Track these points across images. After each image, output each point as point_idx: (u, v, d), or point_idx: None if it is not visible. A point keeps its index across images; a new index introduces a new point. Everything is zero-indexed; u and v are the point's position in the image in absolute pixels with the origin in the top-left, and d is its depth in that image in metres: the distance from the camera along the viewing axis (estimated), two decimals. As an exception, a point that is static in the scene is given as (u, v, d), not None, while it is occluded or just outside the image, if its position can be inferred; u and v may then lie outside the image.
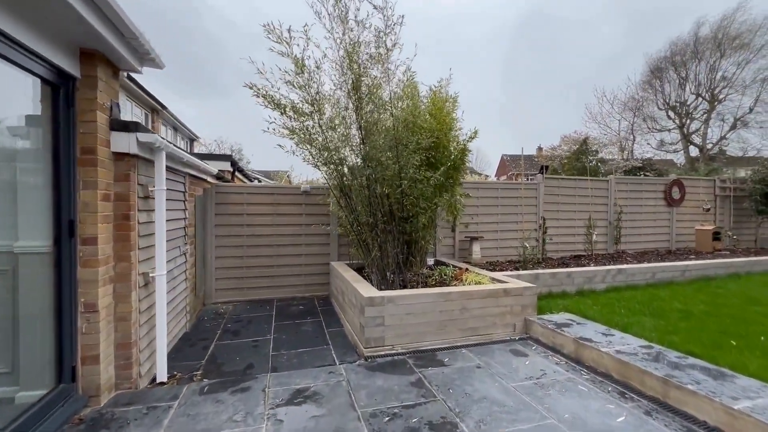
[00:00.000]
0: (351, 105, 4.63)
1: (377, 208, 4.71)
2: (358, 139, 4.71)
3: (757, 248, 9.88)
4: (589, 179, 8.53)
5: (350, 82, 4.48)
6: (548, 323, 4.31)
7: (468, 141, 5.34)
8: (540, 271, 5.85)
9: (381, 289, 4.47)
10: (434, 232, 6.27)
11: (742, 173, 10.76)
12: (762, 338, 3.77)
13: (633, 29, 45.26)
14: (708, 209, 9.25)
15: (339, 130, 4.69)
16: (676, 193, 9.34)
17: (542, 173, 8.01)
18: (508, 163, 34.65)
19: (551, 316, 4.58)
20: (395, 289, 4.68)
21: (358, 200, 4.83)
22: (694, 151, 26.29)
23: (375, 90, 4.55)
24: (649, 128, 27.94)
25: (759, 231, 10.26)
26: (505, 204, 7.80)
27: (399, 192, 4.59)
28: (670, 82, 26.81)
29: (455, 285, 4.94)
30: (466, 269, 5.40)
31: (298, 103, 4.52)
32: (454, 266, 5.93)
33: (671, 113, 27.05)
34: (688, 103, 26.24)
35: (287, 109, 4.48)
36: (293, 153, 4.76)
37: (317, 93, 4.51)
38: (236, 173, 9.10)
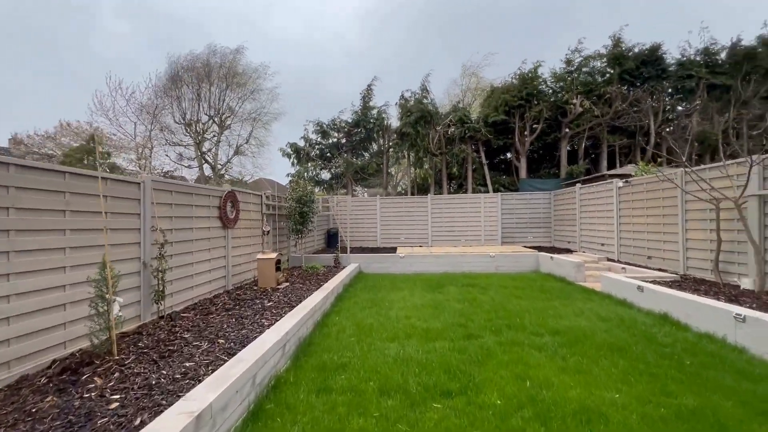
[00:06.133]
0: None
1: None
2: None
3: (289, 267, 9.48)
4: (111, 177, 3.99)
5: None
6: None
7: None
8: None
9: None
10: None
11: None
12: None
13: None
14: (268, 231, 7.48)
15: None
16: (231, 210, 6.79)
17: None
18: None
19: None
20: None
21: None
22: (208, 170, 27.20)
23: None
24: (167, 140, 26.04)
25: (291, 251, 10.04)
26: None
27: None
28: (188, 99, 26.14)
29: None
30: None
31: None
32: None
33: (188, 129, 26.58)
34: (203, 122, 26.84)
35: None
36: None
37: None
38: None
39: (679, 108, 16.16)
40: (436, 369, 3.63)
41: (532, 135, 16.40)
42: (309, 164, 17.53)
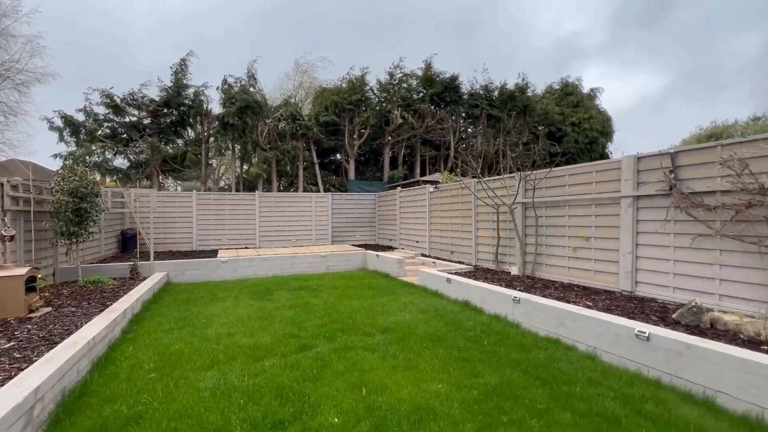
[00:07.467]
0: None
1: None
2: None
3: (56, 283, 7.02)
4: None
5: None
6: None
7: None
8: None
9: None
10: None
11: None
12: None
13: None
14: (12, 236, 5.11)
15: None
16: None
17: None
18: None
19: None
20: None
21: None
22: None
23: None
24: None
25: (59, 261, 7.44)
26: None
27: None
28: None
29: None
30: None
31: None
32: None
33: None
34: None
35: None
36: None
37: None
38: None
39: (469, 130, 20.30)
40: (266, 395, 3.14)
41: (360, 139, 17.42)
42: (93, 146, 13.47)
